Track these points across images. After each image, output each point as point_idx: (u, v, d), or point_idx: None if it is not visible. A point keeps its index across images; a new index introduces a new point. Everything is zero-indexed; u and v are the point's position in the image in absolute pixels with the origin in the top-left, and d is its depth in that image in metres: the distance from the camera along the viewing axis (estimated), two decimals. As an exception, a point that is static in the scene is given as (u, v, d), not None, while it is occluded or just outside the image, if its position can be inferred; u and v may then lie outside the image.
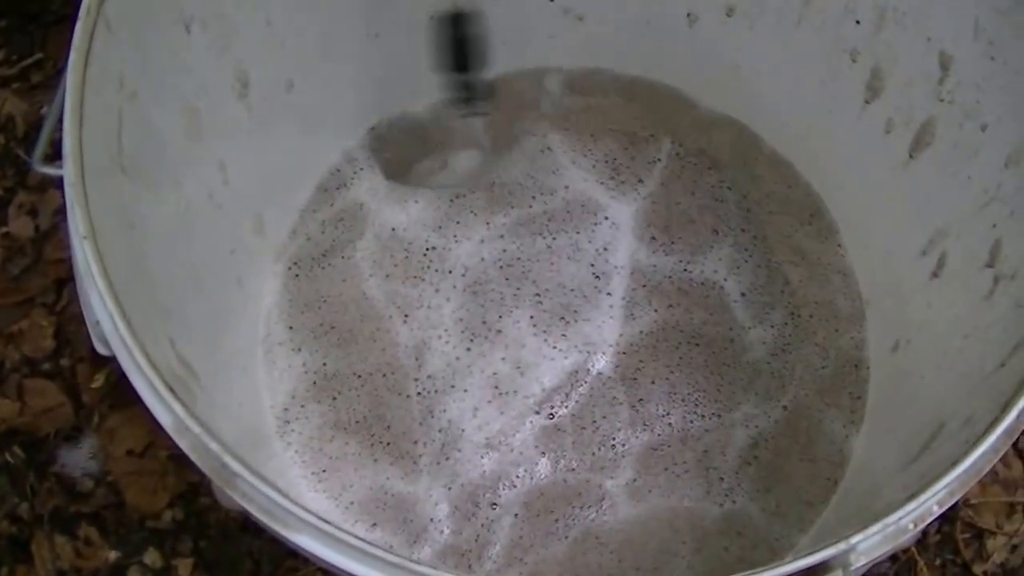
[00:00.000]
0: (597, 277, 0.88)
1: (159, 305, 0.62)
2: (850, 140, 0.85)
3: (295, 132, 0.85)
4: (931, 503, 0.50)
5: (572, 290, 0.88)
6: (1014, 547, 0.88)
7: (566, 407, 0.84)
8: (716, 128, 0.94)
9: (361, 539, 0.47)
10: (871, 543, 0.49)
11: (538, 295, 0.88)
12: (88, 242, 0.53)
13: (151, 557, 0.87)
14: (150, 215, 0.65)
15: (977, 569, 0.87)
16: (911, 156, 0.78)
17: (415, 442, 0.83)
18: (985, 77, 0.69)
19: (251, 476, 0.49)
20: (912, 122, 0.77)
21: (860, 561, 0.49)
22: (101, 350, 0.55)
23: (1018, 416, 0.52)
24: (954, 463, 0.50)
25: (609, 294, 0.88)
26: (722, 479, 0.82)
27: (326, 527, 0.48)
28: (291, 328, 0.86)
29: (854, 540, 0.49)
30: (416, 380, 0.85)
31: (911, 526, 0.50)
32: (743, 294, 0.88)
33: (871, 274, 0.87)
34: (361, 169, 0.92)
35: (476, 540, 0.80)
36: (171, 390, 0.50)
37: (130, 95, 0.62)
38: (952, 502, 0.50)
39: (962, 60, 0.71)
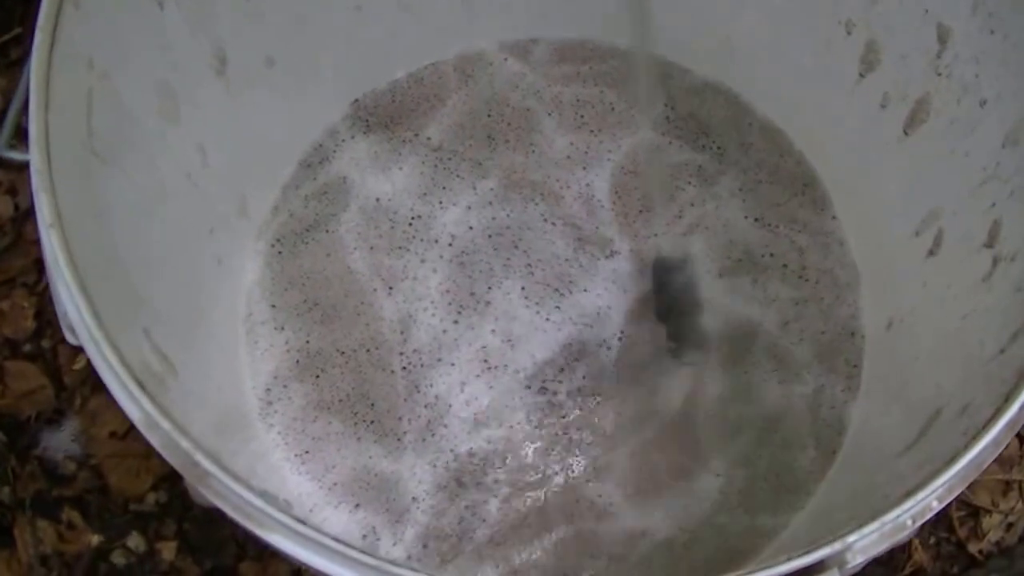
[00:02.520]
0: (593, 245, 0.87)
1: (133, 293, 0.61)
2: (844, 114, 0.83)
3: (276, 109, 0.83)
4: (930, 499, 0.49)
5: (566, 260, 0.86)
6: (1010, 525, 0.87)
7: (560, 382, 0.82)
8: (708, 94, 0.93)
9: (336, 539, 0.46)
10: (868, 541, 0.48)
11: (530, 265, 0.86)
12: (54, 231, 0.51)
13: (135, 541, 0.85)
14: (124, 199, 0.63)
15: (972, 548, 0.86)
16: (906, 133, 0.76)
17: (400, 419, 0.81)
18: (984, 51, 0.67)
19: (223, 475, 0.47)
20: (908, 97, 0.75)
21: (857, 559, 0.47)
22: (71, 340, 0.54)
23: (1021, 408, 0.50)
24: (954, 458, 0.49)
25: (608, 257, 0.87)
26: (718, 456, 0.80)
27: (300, 527, 0.46)
28: (273, 306, 0.85)
29: (850, 539, 0.47)
30: (401, 355, 0.83)
31: (909, 522, 0.48)
32: (744, 258, 0.87)
33: (866, 249, 0.86)
34: (343, 141, 0.90)
35: (459, 523, 0.78)
36: (140, 384, 0.49)
37: (100, 75, 0.60)
38: (951, 498, 0.49)
39: (961, 33, 0.69)
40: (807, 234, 0.87)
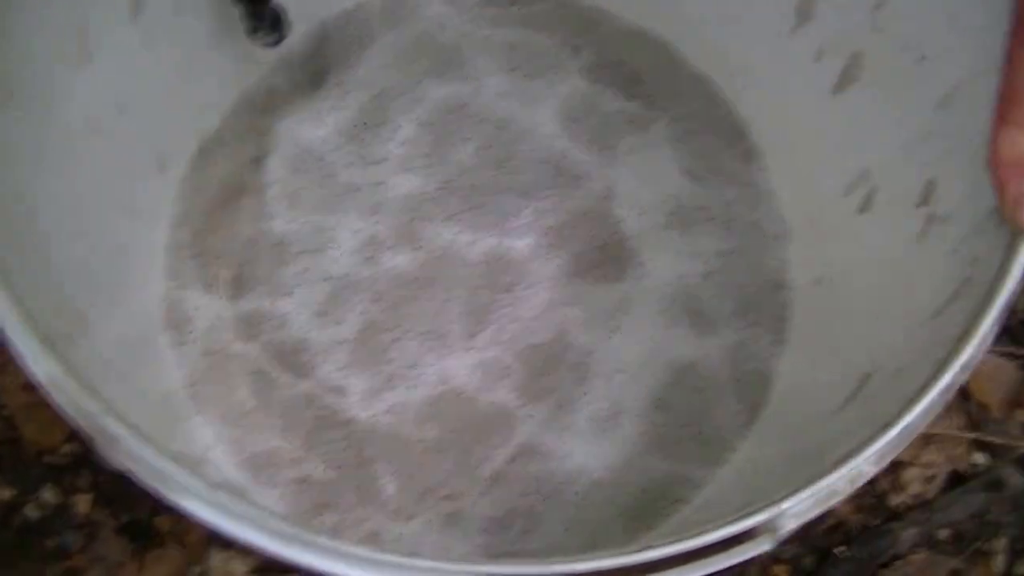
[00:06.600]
0: (530, 188, 0.86)
1: (41, 242, 0.58)
2: (776, 66, 0.82)
3: (195, 55, 0.80)
4: (864, 465, 0.48)
5: (501, 194, 0.85)
6: (930, 478, 0.88)
7: (499, 343, 0.81)
8: (637, 42, 0.91)
9: (256, 507, 0.44)
10: (802, 507, 0.47)
11: (473, 208, 0.85)
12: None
13: (49, 493, 0.83)
14: (26, 145, 0.60)
15: (892, 500, 0.87)
16: (839, 89, 0.75)
17: (338, 385, 0.80)
18: (926, 6, 0.66)
19: (133, 438, 0.46)
20: (844, 51, 0.74)
21: (789, 525, 0.47)
22: (-29, 292, 0.51)
23: (956, 374, 0.50)
24: (888, 424, 0.48)
25: (562, 192, 0.86)
26: (638, 415, 0.80)
27: (216, 495, 0.45)
28: (195, 258, 0.82)
29: (784, 505, 0.47)
30: (333, 317, 0.81)
31: (842, 487, 0.48)
32: (674, 210, 0.86)
33: (795, 203, 0.85)
34: (267, 89, 0.87)
35: (378, 490, 0.77)
36: (46, 343, 0.47)
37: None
38: (885, 463, 0.48)
39: (902, -13, 0.68)
40: (736, 186, 0.86)
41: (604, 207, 0.86)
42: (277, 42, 0.81)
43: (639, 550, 0.46)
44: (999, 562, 0.87)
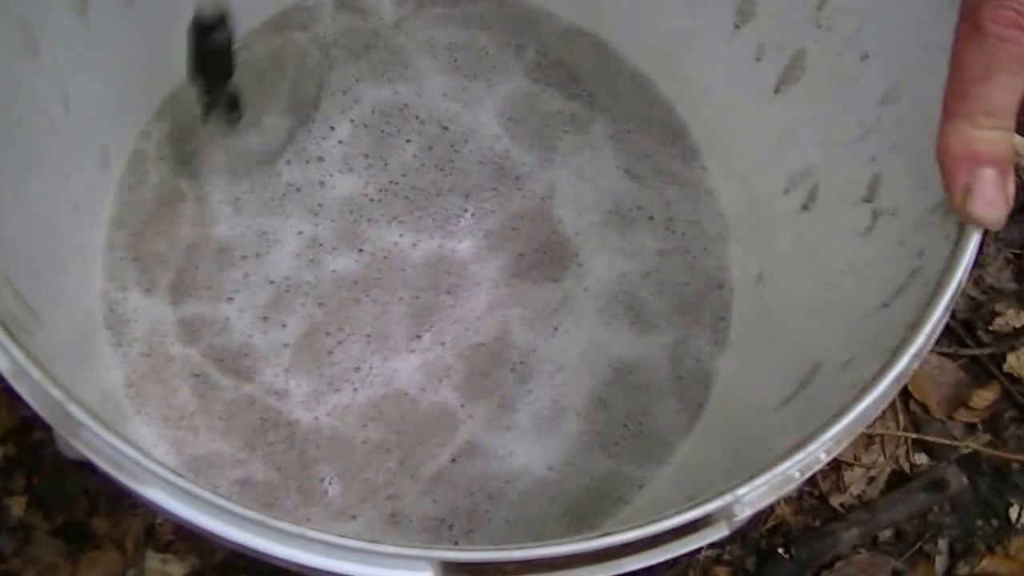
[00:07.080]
0: (472, 189, 0.86)
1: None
2: (717, 65, 0.82)
3: (137, 50, 0.78)
4: (819, 452, 0.49)
5: (443, 195, 0.85)
6: (871, 479, 0.88)
7: (441, 344, 0.81)
8: (576, 41, 0.91)
9: (218, 495, 0.44)
10: (757, 494, 0.47)
11: (415, 209, 0.84)
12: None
13: (-19, 496, 0.81)
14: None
15: (834, 501, 0.88)
16: (781, 87, 0.76)
17: (281, 387, 0.79)
18: (867, 4, 0.67)
19: (97, 426, 0.45)
20: (785, 50, 0.74)
21: (745, 512, 0.47)
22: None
23: (908, 362, 0.50)
24: (843, 411, 0.48)
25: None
26: (579, 413, 0.80)
27: (180, 481, 0.44)
28: (136, 259, 0.81)
29: (740, 491, 0.47)
30: (276, 321, 0.81)
31: (797, 475, 0.49)
32: (614, 210, 0.86)
33: (735, 201, 0.85)
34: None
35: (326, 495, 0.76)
36: (8, 331, 0.46)
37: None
38: (839, 450, 0.49)
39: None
40: (676, 186, 0.87)
41: (545, 207, 0.86)
42: (235, 121, 0.81)
43: (598, 536, 0.46)
44: (940, 563, 0.88)
